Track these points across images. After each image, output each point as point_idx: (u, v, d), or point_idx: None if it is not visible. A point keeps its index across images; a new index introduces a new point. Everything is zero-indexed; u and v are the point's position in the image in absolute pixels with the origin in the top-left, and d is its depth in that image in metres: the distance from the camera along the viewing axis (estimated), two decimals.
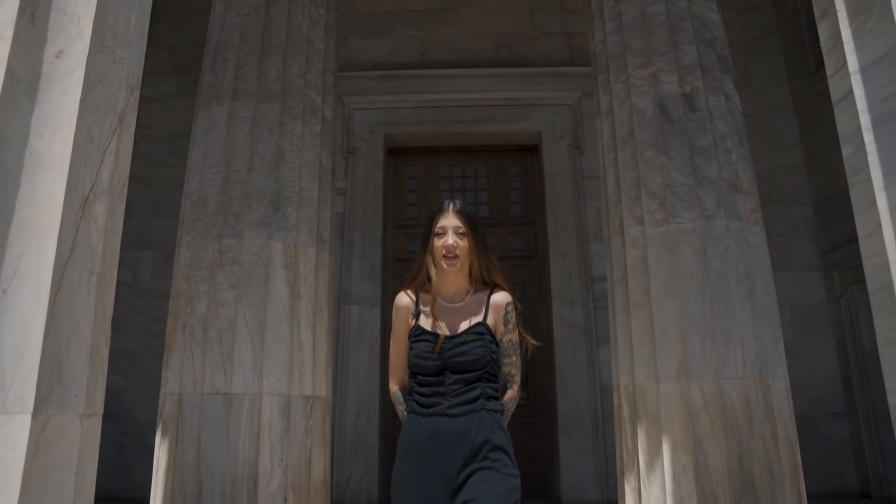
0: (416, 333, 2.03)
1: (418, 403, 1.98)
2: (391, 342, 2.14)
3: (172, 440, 3.26)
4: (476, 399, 1.92)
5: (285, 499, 3.22)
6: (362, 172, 6.82)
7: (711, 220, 3.50)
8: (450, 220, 2.03)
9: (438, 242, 2.01)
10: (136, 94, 1.58)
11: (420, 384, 1.99)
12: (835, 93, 1.51)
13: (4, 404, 1.11)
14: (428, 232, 2.07)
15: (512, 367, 2.08)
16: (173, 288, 3.60)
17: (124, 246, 6.59)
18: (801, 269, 6.05)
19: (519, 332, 2.09)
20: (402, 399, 2.11)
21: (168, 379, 3.41)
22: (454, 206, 2.06)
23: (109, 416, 6.15)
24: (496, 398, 2.00)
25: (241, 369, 3.32)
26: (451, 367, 1.95)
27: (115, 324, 5.91)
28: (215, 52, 3.87)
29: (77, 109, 1.28)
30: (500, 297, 2.06)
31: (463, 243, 2.01)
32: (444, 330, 2.00)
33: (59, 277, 1.23)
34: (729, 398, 3.21)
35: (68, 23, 1.32)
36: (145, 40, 1.67)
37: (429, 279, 2.08)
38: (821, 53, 6.28)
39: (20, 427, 1.12)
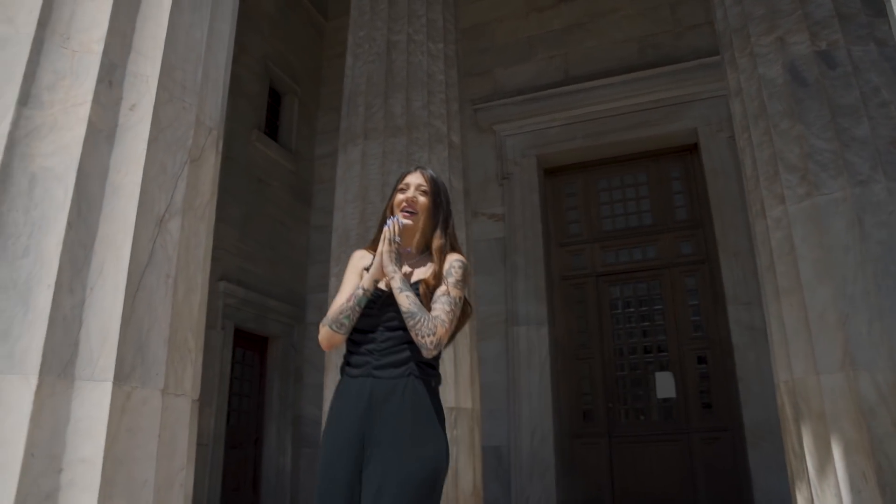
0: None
1: (348, 363, 1.81)
2: (336, 296, 1.91)
3: None
4: (405, 362, 1.74)
5: None
6: (518, 196, 6.96)
7: (867, 184, 3.06)
8: (414, 178, 1.99)
9: (399, 196, 1.96)
10: (215, 132, 1.92)
11: (353, 341, 1.83)
12: None
13: (93, 374, 1.44)
14: (392, 189, 2.04)
15: (439, 311, 1.77)
16: None
17: (313, 290, 7.50)
18: None
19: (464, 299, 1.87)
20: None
21: None
22: (422, 168, 2.06)
23: (310, 444, 6.89)
24: (432, 367, 1.80)
25: None
26: (384, 323, 1.79)
27: (309, 359, 6.64)
28: (349, 99, 4.34)
29: (146, 148, 1.63)
30: (449, 256, 1.91)
31: (423, 200, 1.95)
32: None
33: (137, 279, 1.56)
34: None
35: (140, 83, 1.69)
36: (222, 89, 2.02)
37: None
38: None
39: (104, 392, 1.44)
